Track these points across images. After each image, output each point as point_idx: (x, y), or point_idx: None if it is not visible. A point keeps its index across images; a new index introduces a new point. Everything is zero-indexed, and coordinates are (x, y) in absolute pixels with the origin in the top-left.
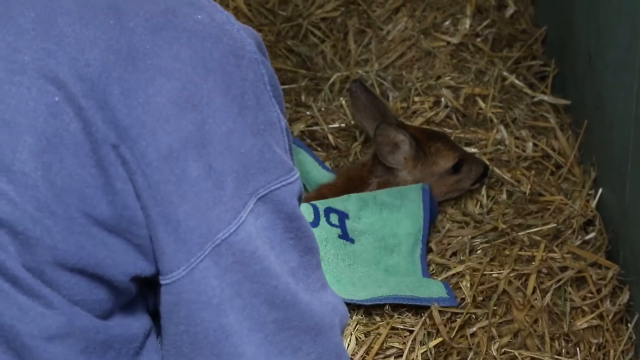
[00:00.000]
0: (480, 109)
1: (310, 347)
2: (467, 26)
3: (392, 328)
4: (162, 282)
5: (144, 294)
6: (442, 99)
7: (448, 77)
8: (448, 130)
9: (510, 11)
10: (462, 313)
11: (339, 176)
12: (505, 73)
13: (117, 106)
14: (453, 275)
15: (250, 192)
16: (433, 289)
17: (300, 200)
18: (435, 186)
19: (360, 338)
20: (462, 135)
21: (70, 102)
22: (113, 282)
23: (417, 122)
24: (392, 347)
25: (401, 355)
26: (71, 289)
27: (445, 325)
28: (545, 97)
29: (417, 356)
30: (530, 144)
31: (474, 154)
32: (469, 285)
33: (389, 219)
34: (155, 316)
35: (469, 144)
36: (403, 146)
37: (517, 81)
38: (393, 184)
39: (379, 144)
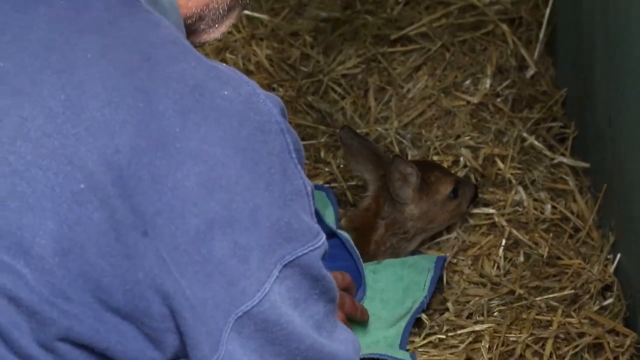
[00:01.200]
0: (499, 169)
1: None
2: (488, 86)
3: None
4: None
5: None
6: (461, 159)
7: (467, 137)
8: None
9: (530, 72)
10: None
11: (346, 230)
12: (524, 134)
13: (147, 192)
14: (469, 333)
15: (275, 261)
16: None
17: (324, 258)
18: (439, 215)
19: None
20: (480, 195)
21: (97, 191)
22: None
23: None
24: None
25: None
26: None
27: None
28: (565, 160)
29: None
30: (548, 206)
31: (461, 177)
32: (487, 346)
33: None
34: None
35: (487, 205)
36: (411, 179)
37: (536, 142)
38: (400, 221)
39: (393, 179)
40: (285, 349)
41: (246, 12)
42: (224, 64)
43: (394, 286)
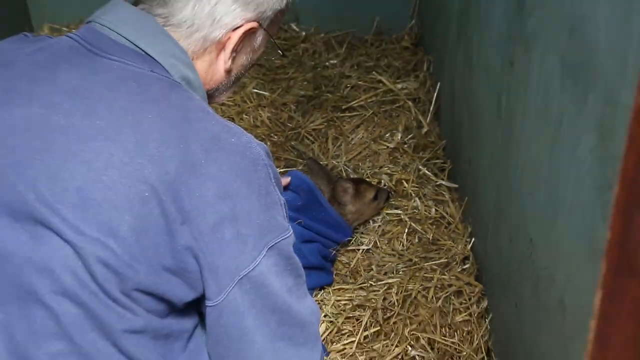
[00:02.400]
0: (405, 187)
1: (299, 335)
2: (399, 138)
3: (346, 317)
4: (207, 304)
5: (193, 306)
6: (382, 181)
7: (386, 168)
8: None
9: (424, 130)
10: (393, 310)
11: None
12: (420, 167)
13: (185, 198)
14: (385, 284)
15: (263, 245)
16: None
17: (293, 245)
18: (366, 210)
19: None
20: (393, 202)
21: (155, 197)
22: (172, 301)
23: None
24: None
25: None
26: (147, 304)
27: (382, 318)
28: (443, 182)
29: (362, 337)
30: (433, 210)
31: (382, 186)
32: (395, 292)
33: None
34: (201, 314)
35: (397, 208)
36: (348, 190)
37: (427, 172)
38: (343, 214)
39: (338, 190)
40: (267, 302)
41: (255, 90)
42: (233, 123)
43: None
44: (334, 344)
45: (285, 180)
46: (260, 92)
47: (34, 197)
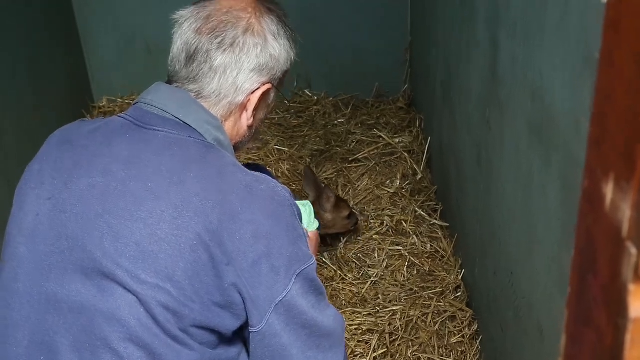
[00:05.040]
0: (404, 226)
1: (325, 342)
2: (398, 184)
3: (358, 341)
4: (252, 331)
5: (237, 334)
6: (385, 221)
7: (388, 210)
8: (389, 237)
9: (419, 176)
10: (397, 334)
11: None
12: (416, 208)
13: (227, 243)
14: (390, 310)
15: (292, 273)
16: None
17: (315, 269)
18: (338, 224)
19: None
20: (394, 240)
21: (202, 244)
22: (221, 332)
23: (371, 233)
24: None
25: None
26: (201, 337)
27: (389, 341)
28: (436, 222)
29: (371, 358)
30: (428, 245)
31: (355, 213)
32: (398, 317)
33: None
34: (243, 341)
35: (398, 245)
36: (331, 199)
37: (422, 213)
38: (321, 218)
39: (324, 197)
40: (298, 320)
41: (276, 146)
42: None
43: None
44: None
45: None
46: (281, 148)
47: (101, 255)
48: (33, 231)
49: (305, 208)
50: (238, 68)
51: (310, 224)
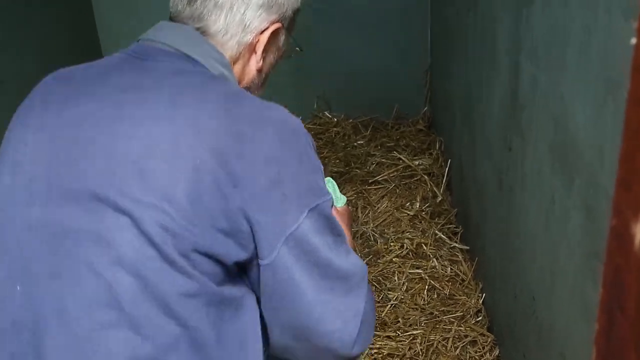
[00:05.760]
0: (424, 250)
1: (340, 286)
2: (418, 206)
3: None
4: (262, 263)
5: (244, 273)
6: (405, 244)
7: (407, 233)
8: (409, 260)
9: (439, 199)
10: (417, 359)
11: None
12: (437, 231)
13: (234, 165)
14: (410, 335)
15: (304, 206)
16: None
17: (331, 207)
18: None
19: None
20: (414, 262)
21: (206, 164)
22: (225, 263)
23: (391, 256)
24: None
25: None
26: (202, 266)
27: None
28: (457, 245)
29: None
30: (449, 269)
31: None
32: (419, 341)
33: None
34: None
35: (418, 268)
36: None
37: (442, 235)
38: None
39: None
40: (310, 257)
41: None
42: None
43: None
44: None
45: None
46: None
47: (92, 175)
48: (19, 161)
49: (329, 183)
50: (245, 4)
51: (337, 199)
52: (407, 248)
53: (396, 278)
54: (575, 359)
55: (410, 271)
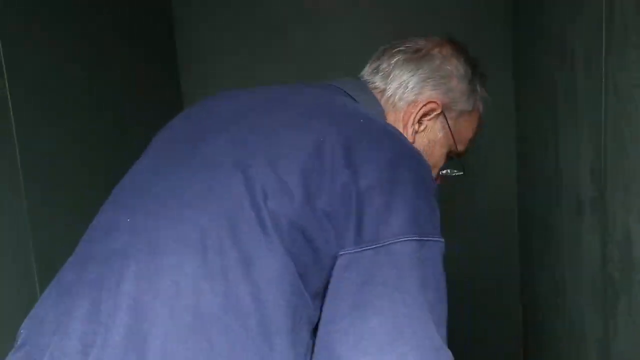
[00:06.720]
0: None
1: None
2: None
3: None
4: (341, 253)
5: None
6: None
7: None
8: None
9: None
10: None
11: None
12: None
13: (356, 153)
14: None
15: (407, 230)
16: None
17: (444, 262)
18: None
19: None
20: None
21: (328, 144)
22: (316, 249)
23: None
24: None
25: None
26: (290, 240)
27: None
28: None
29: None
30: None
31: None
32: None
33: None
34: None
35: None
36: None
37: None
38: None
39: None
40: (391, 280)
41: None
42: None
43: None
44: None
45: None
46: None
47: (222, 153)
48: (157, 151)
49: None
50: (412, 72)
51: None
52: None
53: None
54: None
55: None
